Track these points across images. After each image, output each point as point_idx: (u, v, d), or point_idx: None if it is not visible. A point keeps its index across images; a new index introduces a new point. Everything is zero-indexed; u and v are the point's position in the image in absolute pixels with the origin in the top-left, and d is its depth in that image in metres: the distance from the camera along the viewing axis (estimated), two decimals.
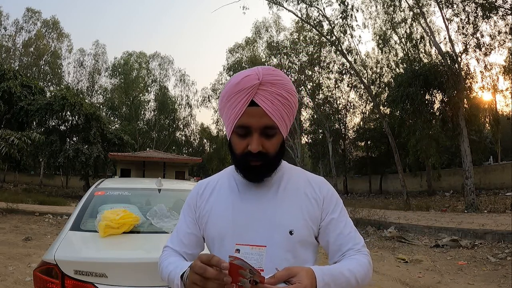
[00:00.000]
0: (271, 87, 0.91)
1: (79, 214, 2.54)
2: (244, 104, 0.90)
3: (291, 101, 0.95)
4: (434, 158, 16.12)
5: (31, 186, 28.70)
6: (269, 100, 0.91)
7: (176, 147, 42.57)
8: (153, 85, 42.41)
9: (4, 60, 33.89)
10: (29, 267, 5.35)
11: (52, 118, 24.35)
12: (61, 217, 11.61)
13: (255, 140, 0.92)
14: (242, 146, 0.95)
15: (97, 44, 44.41)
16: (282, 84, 0.93)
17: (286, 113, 0.95)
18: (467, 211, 12.91)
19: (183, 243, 1.08)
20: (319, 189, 1.05)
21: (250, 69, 0.95)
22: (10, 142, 13.04)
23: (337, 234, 1.01)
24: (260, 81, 0.90)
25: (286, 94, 0.93)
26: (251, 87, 0.90)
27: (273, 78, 0.92)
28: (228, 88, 0.95)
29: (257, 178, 1.00)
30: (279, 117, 0.93)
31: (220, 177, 1.13)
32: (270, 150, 0.96)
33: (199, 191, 1.11)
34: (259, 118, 0.91)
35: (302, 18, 20.03)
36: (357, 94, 30.04)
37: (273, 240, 0.96)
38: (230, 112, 0.94)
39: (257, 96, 0.90)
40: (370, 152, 29.74)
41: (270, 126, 0.93)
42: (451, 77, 14.22)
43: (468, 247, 7.10)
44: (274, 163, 1.00)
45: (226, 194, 1.05)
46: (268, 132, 0.94)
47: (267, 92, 0.91)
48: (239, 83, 0.92)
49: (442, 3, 14.94)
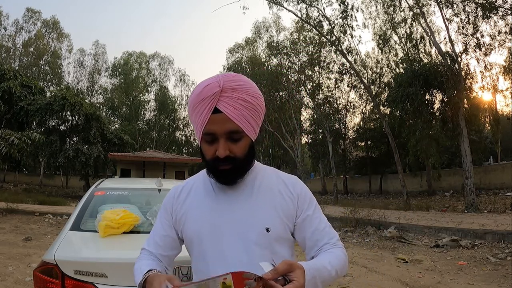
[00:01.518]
0: (233, 93, 0.94)
1: (79, 214, 2.54)
2: (208, 112, 0.93)
3: (255, 104, 0.97)
4: (434, 158, 16.12)
5: (31, 186, 28.71)
6: (231, 106, 0.93)
7: (176, 147, 42.58)
8: (153, 85, 42.44)
9: (4, 60, 33.89)
10: (29, 267, 5.35)
11: (52, 118, 24.37)
12: (61, 217, 11.61)
13: (221, 146, 0.95)
14: (211, 152, 0.98)
15: (97, 44, 44.47)
16: (244, 89, 0.96)
17: (251, 116, 0.97)
18: (467, 211, 12.91)
19: (158, 244, 1.11)
20: (292, 188, 1.08)
21: (211, 77, 0.99)
22: (10, 142, 13.03)
23: (313, 230, 1.05)
24: (221, 88, 0.93)
25: (249, 98, 0.96)
26: (212, 95, 0.93)
27: (234, 84, 0.95)
28: (192, 98, 0.98)
29: (228, 181, 1.02)
30: (243, 121, 0.95)
31: (195, 180, 1.15)
32: (238, 154, 0.98)
33: (175, 195, 1.13)
34: (222, 124, 0.94)
35: (302, 18, 20.03)
36: (357, 94, 30.04)
37: (250, 238, 0.99)
38: (196, 120, 0.97)
39: (219, 103, 0.93)
40: (370, 152, 29.72)
41: (235, 130, 0.95)
42: (451, 77, 14.22)
43: (468, 247, 7.10)
44: (244, 166, 1.02)
45: (201, 196, 1.08)
46: (234, 136, 0.96)
47: (229, 98, 0.93)
48: (201, 92, 0.95)
49: (442, 3, 14.94)
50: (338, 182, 27.28)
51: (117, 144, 25.73)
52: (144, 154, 25.40)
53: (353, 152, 32.76)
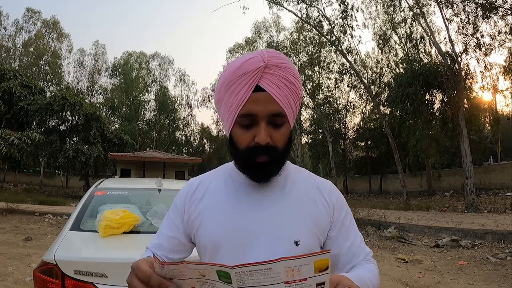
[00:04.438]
0: (278, 71, 0.81)
1: (79, 214, 2.54)
2: (248, 88, 0.79)
3: (298, 88, 0.85)
4: (434, 158, 16.13)
5: (31, 186, 28.69)
6: (275, 85, 0.80)
7: (176, 147, 42.56)
8: (153, 85, 42.40)
9: (4, 60, 33.92)
10: (29, 267, 5.35)
11: (52, 118, 24.37)
12: (61, 217, 11.61)
13: (263, 130, 0.80)
14: (247, 138, 0.83)
15: (97, 44, 44.39)
16: (289, 68, 0.83)
17: (293, 100, 0.84)
18: (467, 211, 12.91)
19: (163, 246, 0.96)
20: (328, 196, 0.94)
21: (252, 52, 0.85)
22: (10, 142, 13.03)
23: (349, 246, 0.93)
24: (266, 63, 0.80)
25: (293, 79, 0.83)
26: (256, 70, 0.79)
27: (279, 61, 0.82)
28: (228, 73, 0.83)
29: (264, 177, 0.87)
30: (286, 104, 0.82)
31: (215, 176, 0.98)
32: (279, 143, 0.84)
33: (188, 192, 0.97)
34: (266, 104, 0.80)
35: (302, 18, 20.03)
36: (357, 94, 30.06)
37: (277, 251, 0.84)
38: (231, 101, 0.82)
39: (262, 80, 0.80)
40: (370, 152, 29.74)
41: (278, 113, 0.81)
42: (451, 77, 14.22)
43: (468, 247, 7.10)
44: (282, 159, 0.88)
45: (222, 196, 0.92)
46: (276, 121, 0.82)
47: (273, 76, 0.80)
48: (241, 66, 0.81)
49: (442, 3, 14.94)
50: (338, 182, 27.28)
51: (117, 144, 25.74)
52: (144, 154, 25.41)
53: (353, 152, 32.78)
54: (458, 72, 14.43)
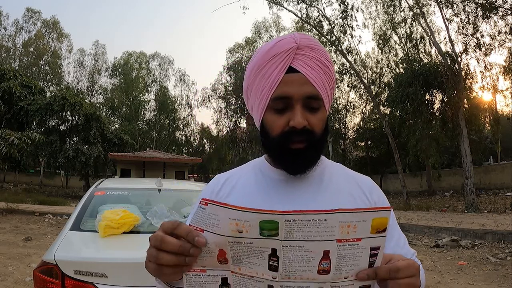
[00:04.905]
0: (311, 52, 0.75)
1: (79, 214, 2.54)
2: (281, 69, 0.74)
3: (332, 71, 0.79)
4: (434, 158, 16.14)
5: (31, 186, 28.70)
6: (309, 66, 0.75)
7: (176, 147, 42.55)
8: (153, 85, 42.39)
9: (4, 60, 33.92)
10: (29, 267, 5.35)
11: (52, 118, 24.38)
12: (61, 217, 11.61)
13: (299, 113, 0.74)
14: (282, 123, 0.76)
15: (97, 44, 44.37)
16: (321, 51, 0.77)
17: (328, 84, 0.78)
18: (467, 211, 12.91)
19: None
20: (369, 193, 0.86)
21: (282, 35, 0.80)
22: (10, 142, 13.04)
23: (393, 246, 0.83)
24: (298, 44, 0.75)
25: (326, 62, 0.77)
26: (288, 51, 0.74)
27: (312, 43, 0.77)
28: (259, 56, 0.78)
29: (301, 167, 0.79)
30: (322, 86, 0.76)
31: (243, 172, 0.90)
32: (316, 128, 0.77)
33: (214, 189, 0.88)
34: (300, 85, 0.74)
35: (302, 18, 20.03)
36: (357, 94, 30.06)
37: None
38: (263, 84, 0.76)
39: (295, 61, 0.74)
40: (370, 152, 29.75)
41: (314, 95, 0.75)
42: (451, 77, 14.23)
43: (468, 247, 7.10)
44: (320, 146, 0.80)
45: (252, 193, 0.83)
46: (312, 104, 0.76)
47: (306, 57, 0.75)
48: (272, 48, 0.76)
49: (442, 3, 14.96)
50: None
51: (117, 144, 25.75)
52: (144, 154, 25.42)
53: (353, 152, 32.78)
54: (458, 72, 14.44)
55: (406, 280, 0.58)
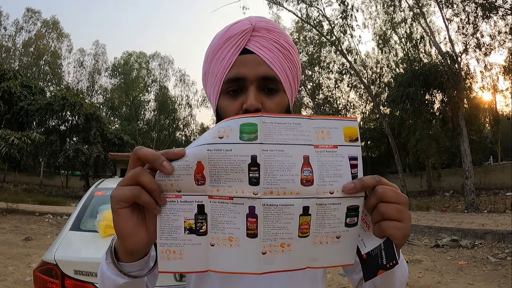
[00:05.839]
0: (268, 34, 0.71)
1: (79, 214, 2.54)
2: (235, 51, 0.70)
3: (293, 54, 0.74)
4: (434, 158, 16.14)
5: (31, 186, 28.70)
6: (265, 47, 0.70)
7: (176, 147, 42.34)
8: (153, 85, 42.40)
9: (4, 60, 33.92)
10: (29, 267, 5.35)
11: (52, 118, 24.40)
12: (61, 217, 11.61)
13: (252, 94, 0.69)
14: (235, 107, 0.70)
15: (97, 44, 44.35)
16: (280, 32, 0.73)
17: (288, 68, 0.73)
18: (467, 211, 12.91)
19: None
20: None
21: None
22: (10, 142, 13.04)
23: None
24: (253, 26, 0.71)
25: (286, 44, 0.73)
26: (242, 32, 0.70)
27: (269, 24, 0.73)
28: (215, 41, 0.74)
29: None
30: (280, 68, 0.71)
31: None
32: (273, 111, 0.71)
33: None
34: (254, 66, 0.69)
35: (302, 18, 20.03)
36: (357, 94, 30.08)
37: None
38: (217, 68, 0.72)
39: (250, 43, 0.70)
40: (370, 152, 29.76)
41: (270, 76, 0.70)
42: (451, 77, 14.23)
43: (468, 247, 7.10)
44: None
45: None
46: (269, 85, 0.71)
47: (262, 39, 0.71)
48: (228, 30, 0.72)
49: (442, 3, 14.96)
50: None
51: (117, 144, 25.75)
52: None
53: None
54: (458, 72, 14.45)
55: (397, 206, 0.54)
